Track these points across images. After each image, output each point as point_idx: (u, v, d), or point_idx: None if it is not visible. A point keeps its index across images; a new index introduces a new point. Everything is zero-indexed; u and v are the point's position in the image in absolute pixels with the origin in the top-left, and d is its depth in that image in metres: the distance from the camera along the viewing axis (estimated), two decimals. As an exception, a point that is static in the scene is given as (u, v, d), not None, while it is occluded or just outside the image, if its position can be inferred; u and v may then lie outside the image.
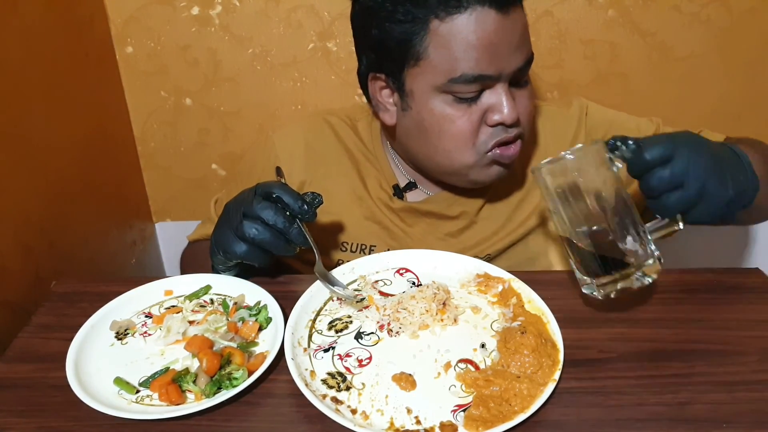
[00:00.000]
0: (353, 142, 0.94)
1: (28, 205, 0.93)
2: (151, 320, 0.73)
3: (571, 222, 0.66)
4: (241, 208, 0.72)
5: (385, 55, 0.78)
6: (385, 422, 0.59)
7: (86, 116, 1.15)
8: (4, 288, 0.85)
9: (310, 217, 0.72)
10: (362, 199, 0.92)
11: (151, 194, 1.44)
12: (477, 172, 0.82)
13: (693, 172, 0.62)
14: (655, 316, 0.73)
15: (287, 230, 0.71)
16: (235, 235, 0.72)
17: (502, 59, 0.74)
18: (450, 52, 0.73)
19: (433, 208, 0.91)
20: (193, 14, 1.22)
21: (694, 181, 0.62)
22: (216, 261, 0.77)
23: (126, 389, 0.63)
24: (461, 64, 0.73)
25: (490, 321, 0.73)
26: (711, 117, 1.35)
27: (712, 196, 0.63)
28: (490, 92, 0.76)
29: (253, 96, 1.31)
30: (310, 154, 0.93)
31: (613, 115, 0.95)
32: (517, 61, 0.75)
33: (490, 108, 0.77)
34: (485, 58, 0.73)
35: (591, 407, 0.61)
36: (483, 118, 0.77)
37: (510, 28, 0.73)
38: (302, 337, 0.69)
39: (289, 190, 0.72)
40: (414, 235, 0.91)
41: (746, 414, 0.61)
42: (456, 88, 0.75)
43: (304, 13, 1.22)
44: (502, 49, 0.74)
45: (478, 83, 0.75)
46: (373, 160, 0.93)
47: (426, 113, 0.78)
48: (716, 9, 1.22)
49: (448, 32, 0.72)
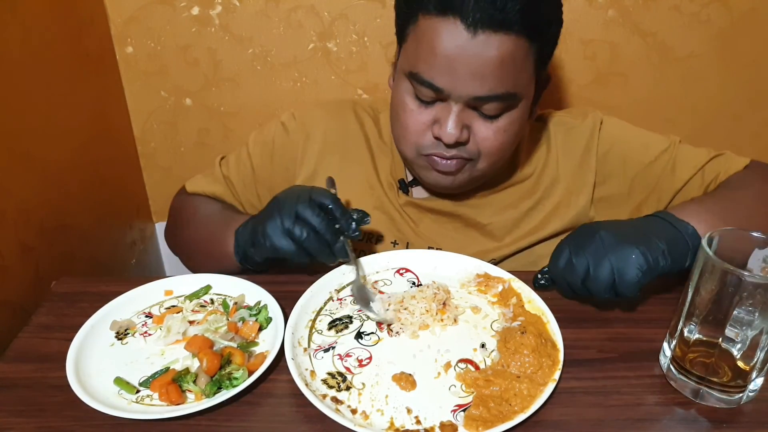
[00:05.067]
0: (372, 132, 0.95)
1: (28, 205, 0.93)
2: (151, 320, 0.73)
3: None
4: (295, 207, 0.73)
5: (396, 26, 0.81)
6: (385, 422, 0.59)
7: (86, 116, 1.15)
8: (4, 288, 0.85)
9: (357, 236, 0.75)
10: (374, 188, 0.93)
11: (151, 194, 1.44)
12: (418, 170, 0.84)
13: (593, 256, 0.69)
14: (655, 316, 0.73)
15: (333, 243, 0.74)
16: (283, 231, 0.73)
17: (455, 78, 0.72)
18: (418, 48, 0.74)
19: (436, 206, 0.91)
20: (193, 14, 1.22)
21: (597, 263, 0.69)
22: (250, 251, 0.77)
23: (126, 389, 0.63)
24: (420, 64, 0.74)
25: (490, 321, 0.73)
26: (711, 117, 1.35)
27: (623, 265, 0.68)
28: (443, 105, 0.76)
29: (253, 96, 1.31)
30: (327, 140, 0.94)
31: (621, 133, 0.92)
32: (473, 88, 0.72)
33: (436, 119, 0.77)
34: (439, 70, 0.72)
35: (591, 407, 0.61)
36: (431, 125, 0.78)
37: (475, 51, 0.69)
38: (302, 337, 0.69)
39: (342, 207, 0.75)
40: (419, 231, 0.92)
41: (746, 414, 0.61)
42: (414, 84, 0.76)
43: (304, 13, 1.22)
44: (460, 68, 0.71)
45: (431, 90, 0.74)
46: (386, 151, 0.94)
47: (395, 92, 0.81)
48: (716, 9, 1.22)
49: (423, 29, 0.73)
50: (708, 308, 0.59)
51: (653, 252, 0.68)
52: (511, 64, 0.71)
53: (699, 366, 0.61)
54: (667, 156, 0.89)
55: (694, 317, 0.60)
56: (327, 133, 0.94)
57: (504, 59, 0.70)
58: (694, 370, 0.61)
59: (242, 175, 0.96)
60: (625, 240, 0.69)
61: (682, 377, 0.62)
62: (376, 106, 0.98)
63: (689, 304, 0.61)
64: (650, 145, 0.90)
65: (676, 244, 0.70)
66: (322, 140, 0.94)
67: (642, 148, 0.90)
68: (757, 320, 0.56)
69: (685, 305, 0.61)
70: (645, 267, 0.67)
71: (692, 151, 0.90)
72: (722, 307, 0.57)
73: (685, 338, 0.62)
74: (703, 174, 0.88)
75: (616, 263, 0.68)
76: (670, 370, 0.64)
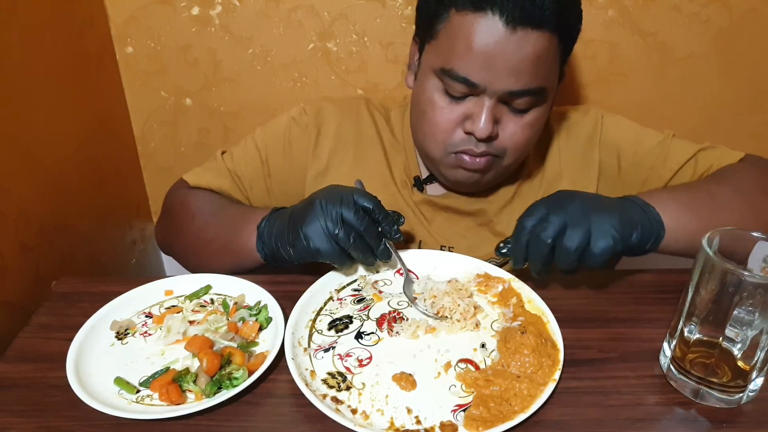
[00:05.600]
0: (385, 130, 0.96)
1: (28, 205, 0.93)
2: (151, 320, 0.73)
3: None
4: (340, 210, 0.71)
5: (420, 23, 0.82)
6: (385, 422, 0.59)
7: (86, 116, 1.15)
8: (4, 288, 0.85)
9: (398, 239, 0.75)
10: (387, 186, 0.93)
11: (151, 194, 1.44)
12: (444, 169, 0.84)
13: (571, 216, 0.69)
14: (654, 316, 0.73)
15: (376, 247, 0.75)
16: (327, 235, 0.71)
17: (492, 73, 0.73)
18: (451, 44, 0.74)
19: (451, 203, 0.91)
20: (193, 14, 1.22)
21: (575, 222, 0.68)
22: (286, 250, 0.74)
23: (126, 389, 0.63)
24: (455, 60, 0.74)
25: (490, 321, 0.73)
26: (711, 117, 1.35)
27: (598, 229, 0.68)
28: (475, 100, 0.77)
29: (253, 96, 1.31)
30: (341, 136, 0.93)
31: (619, 126, 0.93)
32: (509, 83, 0.74)
33: (468, 115, 0.78)
34: (476, 65, 0.73)
35: (591, 407, 0.61)
36: (461, 121, 0.78)
37: (513, 46, 0.71)
38: (302, 337, 0.69)
39: (384, 210, 0.75)
40: (432, 229, 0.92)
41: (746, 414, 0.61)
42: (446, 80, 0.76)
43: (304, 13, 1.22)
44: (497, 64, 0.73)
45: (465, 86, 0.75)
46: (400, 149, 0.94)
47: (421, 90, 0.81)
48: (716, 9, 1.22)
49: (458, 25, 0.73)
50: (708, 308, 0.59)
51: (628, 224, 0.70)
52: (544, 60, 0.74)
53: (699, 366, 0.61)
54: (660, 148, 0.90)
55: (694, 317, 0.60)
56: (340, 129, 0.94)
57: (539, 55, 0.73)
58: (694, 370, 0.61)
59: (250, 169, 0.94)
60: (604, 208, 0.70)
61: (682, 377, 0.62)
62: (387, 105, 0.99)
63: (689, 304, 0.61)
64: (645, 137, 0.92)
65: (643, 224, 0.71)
66: (335, 136, 0.93)
67: (636, 140, 0.92)
68: (757, 320, 0.56)
69: (685, 305, 0.61)
70: (617, 236, 0.68)
71: (685, 143, 0.91)
72: (722, 307, 0.57)
73: (685, 338, 0.62)
74: (695, 164, 0.89)
75: (593, 227, 0.68)
76: (670, 370, 0.64)
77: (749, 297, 0.56)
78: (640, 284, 0.80)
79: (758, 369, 0.59)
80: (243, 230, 0.79)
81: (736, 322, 0.57)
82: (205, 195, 0.92)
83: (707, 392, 0.61)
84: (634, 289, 0.79)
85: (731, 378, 0.60)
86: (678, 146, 0.90)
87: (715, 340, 0.59)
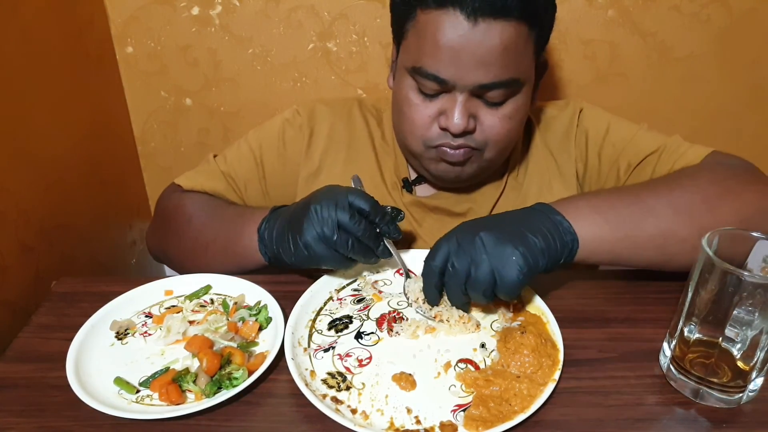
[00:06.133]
0: (377, 132, 0.96)
1: (28, 205, 0.93)
2: (151, 320, 0.73)
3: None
4: (335, 216, 0.70)
5: (392, 24, 0.83)
6: (385, 422, 0.59)
7: (86, 116, 1.15)
8: (4, 288, 0.85)
9: (397, 237, 0.75)
10: (378, 187, 0.93)
11: (151, 194, 1.44)
12: (427, 163, 0.84)
13: (473, 255, 0.65)
14: (654, 316, 0.73)
15: (376, 248, 0.74)
16: (325, 242, 0.70)
17: (460, 68, 0.73)
18: (420, 43, 0.75)
19: (441, 203, 0.91)
20: (193, 14, 1.22)
21: (478, 262, 0.65)
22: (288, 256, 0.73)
23: (126, 389, 0.63)
24: (423, 58, 0.75)
25: (490, 321, 0.73)
26: (711, 117, 1.35)
27: (503, 265, 0.64)
28: (448, 96, 0.77)
29: (253, 96, 1.31)
30: (333, 138, 0.94)
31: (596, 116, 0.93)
32: (478, 76, 0.73)
33: (442, 111, 0.78)
34: (444, 61, 0.73)
35: (591, 407, 0.61)
36: (436, 117, 0.79)
37: (477, 39, 0.71)
38: (302, 337, 0.69)
39: (381, 209, 0.73)
40: (422, 231, 0.92)
41: (746, 414, 0.61)
42: (418, 78, 0.77)
43: (304, 13, 1.22)
44: (464, 58, 0.72)
45: (435, 83, 0.75)
46: (389, 151, 0.95)
47: (398, 89, 0.82)
48: (716, 9, 1.22)
49: (424, 23, 0.74)
50: (708, 308, 0.59)
51: (533, 252, 0.65)
52: (513, 50, 0.73)
53: (699, 366, 0.61)
54: (627, 139, 0.89)
55: (694, 317, 0.60)
56: (333, 130, 0.94)
57: (506, 46, 0.72)
58: (694, 370, 0.61)
59: (244, 171, 0.94)
60: (506, 240, 0.66)
61: (682, 377, 0.62)
62: (380, 106, 0.99)
63: (689, 304, 0.61)
64: (617, 128, 0.91)
65: (553, 239, 0.68)
66: (327, 137, 0.94)
67: (607, 131, 0.91)
68: (757, 320, 0.56)
69: (685, 305, 0.61)
70: (525, 269, 0.64)
71: (652, 137, 0.89)
72: (722, 307, 0.57)
73: (685, 338, 0.62)
74: (657, 159, 0.86)
75: (495, 262, 0.65)
76: (670, 370, 0.64)
77: (749, 297, 0.56)
78: (640, 284, 0.80)
79: (758, 369, 0.59)
80: (243, 232, 0.79)
81: (736, 322, 0.57)
82: (200, 197, 0.91)
83: (707, 392, 0.61)
84: (634, 289, 0.79)
85: (731, 378, 0.60)
86: (644, 139, 0.88)
87: (715, 340, 0.59)
